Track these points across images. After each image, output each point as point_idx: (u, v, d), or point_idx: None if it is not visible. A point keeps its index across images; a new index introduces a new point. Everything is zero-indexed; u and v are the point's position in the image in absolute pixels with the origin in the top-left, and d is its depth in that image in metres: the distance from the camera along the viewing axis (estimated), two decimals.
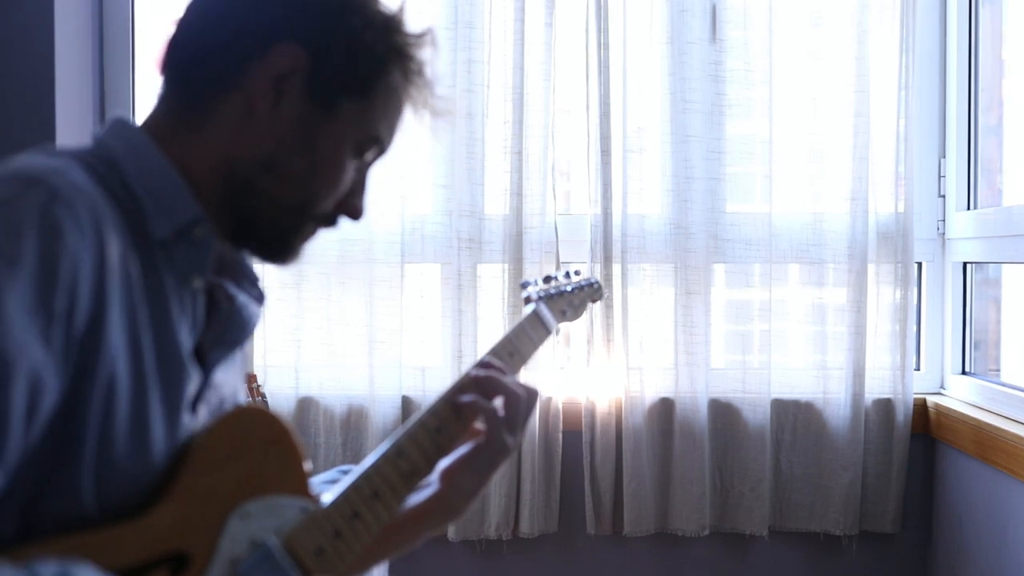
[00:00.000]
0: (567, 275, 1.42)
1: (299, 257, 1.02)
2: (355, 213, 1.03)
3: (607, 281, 2.15)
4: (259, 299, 1.04)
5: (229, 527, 0.92)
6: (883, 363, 2.18)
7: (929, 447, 2.21)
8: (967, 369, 2.24)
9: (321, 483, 1.14)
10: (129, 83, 2.29)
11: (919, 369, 2.28)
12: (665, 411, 2.17)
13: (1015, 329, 2.30)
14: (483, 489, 1.14)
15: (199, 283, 0.95)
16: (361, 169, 1.02)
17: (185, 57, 0.97)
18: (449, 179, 2.18)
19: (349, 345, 2.20)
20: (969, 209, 2.22)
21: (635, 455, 2.15)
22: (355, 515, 1.00)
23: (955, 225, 2.22)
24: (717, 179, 2.17)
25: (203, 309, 0.97)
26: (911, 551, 2.22)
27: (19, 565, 0.77)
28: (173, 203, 0.92)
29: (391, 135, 1.02)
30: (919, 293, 2.27)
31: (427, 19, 1.02)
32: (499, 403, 1.13)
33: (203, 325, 0.96)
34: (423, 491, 1.11)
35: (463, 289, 2.17)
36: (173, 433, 0.90)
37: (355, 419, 2.19)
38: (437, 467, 1.12)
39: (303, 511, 0.97)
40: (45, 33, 2.04)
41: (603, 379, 2.17)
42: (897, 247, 2.17)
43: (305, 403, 2.20)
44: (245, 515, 0.93)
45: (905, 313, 2.17)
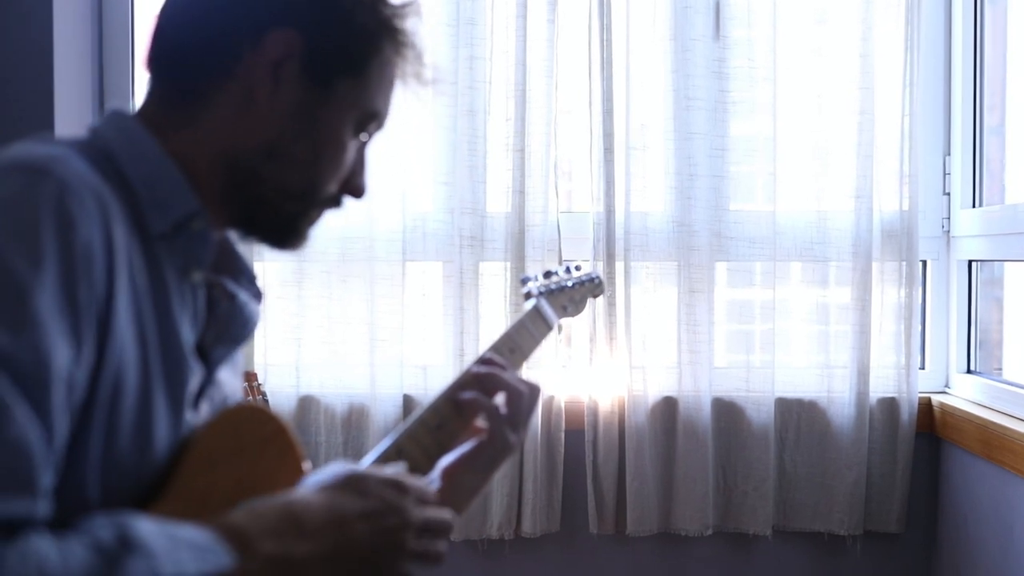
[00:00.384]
0: (568, 270, 1.41)
1: (307, 241, 1.01)
2: (357, 192, 1.02)
3: (610, 279, 2.14)
4: (257, 297, 1.03)
5: None
6: (887, 362, 2.17)
7: (934, 446, 2.20)
8: (972, 368, 2.23)
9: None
10: (129, 78, 2.27)
11: (923, 368, 2.27)
12: (668, 410, 2.16)
13: (1017, 327, 2.28)
14: (485, 487, 1.13)
15: (199, 277, 0.93)
16: (361, 147, 1.02)
17: (174, 50, 0.96)
18: (451, 176, 2.17)
19: (350, 343, 2.18)
20: (974, 207, 2.20)
21: (638, 454, 2.13)
22: None
23: (960, 223, 2.21)
24: (721, 177, 2.16)
25: (203, 305, 0.95)
26: (916, 551, 2.20)
27: (73, 531, 0.76)
28: (171, 196, 0.91)
29: (387, 109, 1.01)
30: (924, 291, 2.26)
31: (428, 15, 1.01)
32: (501, 400, 1.12)
33: (204, 321, 0.95)
34: None
35: (465, 287, 2.16)
36: (176, 429, 0.89)
37: (356, 418, 2.17)
38: (438, 465, 1.11)
39: None
40: (43, 27, 2.02)
41: (606, 378, 2.16)
42: (902, 245, 2.16)
43: (306, 402, 2.18)
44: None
45: (910, 311, 2.16)
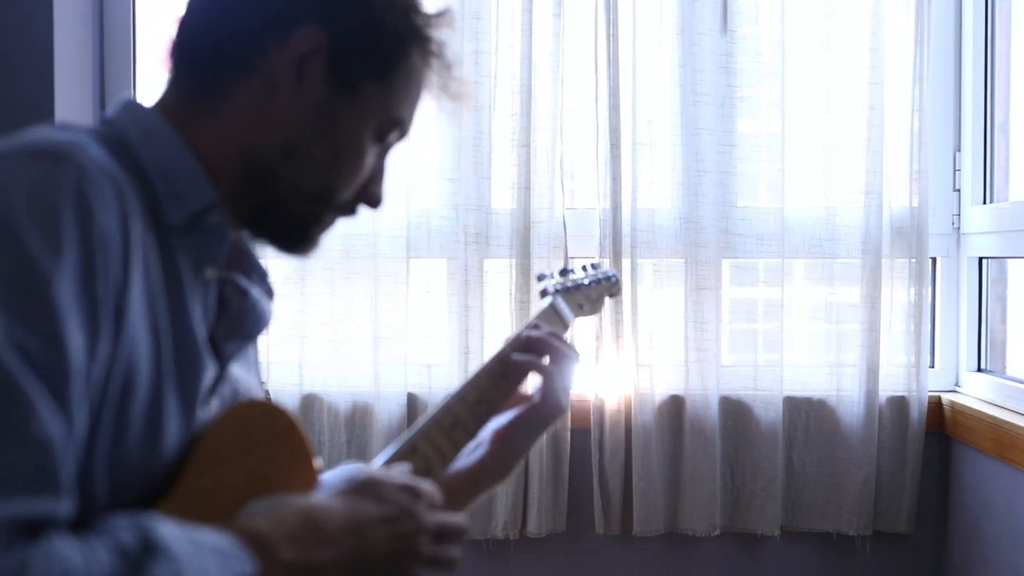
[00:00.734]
0: (584, 268, 1.39)
1: (317, 247, 0.98)
2: (374, 200, 0.99)
3: (608, 268, 2.12)
4: (269, 294, 1.01)
5: None
6: (897, 360, 2.14)
7: (944, 445, 2.17)
8: (983, 366, 2.20)
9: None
10: (130, 77, 2.26)
11: (933, 366, 2.24)
12: (675, 409, 2.14)
13: (1020, 325, 2.25)
14: (528, 452, 1.18)
15: (212, 273, 0.91)
16: (381, 154, 0.99)
17: (199, 40, 0.94)
18: (455, 173, 2.15)
19: (354, 341, 2.16)
20: (985, 203, 2.18)
21: (645, 453, 2.11)
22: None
23: (970, 220, 2.18)
24: (728, 173, 2.14)
25: (215, 301, 0.93)
26: (926, 551, 2.18)
27: (94, 533, 0.74)
28: (188, 187, 0.88)
29: (412, 116, 0.99)
30: (933, 289, 2.23)
31: (433, 8, 0.99)
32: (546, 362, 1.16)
33: (214, 317, 0.93)
34: (469, 456, 1.12)
35: (470, 285, 2.14)
36: (186, 425, 0.86)
37: (360, 417, 2.15)
38: (485, 428, 1.14)
39: None
40: (44, 26, 2.00)
41: (612, 376, 2.13)
42: (911, 242, 2.13)
43: (309, 400, 2.16)
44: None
45: (919, 309, 2.13)
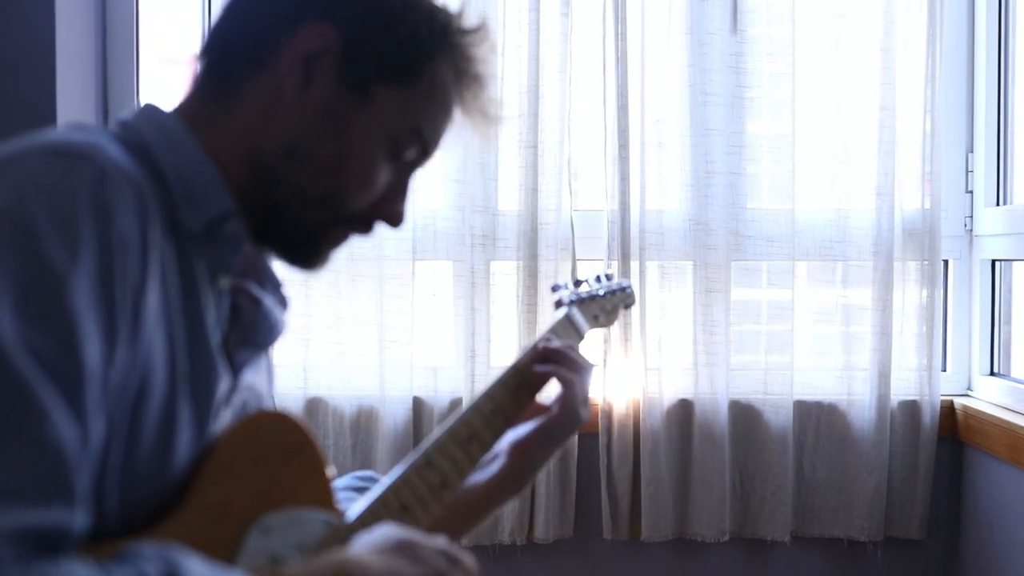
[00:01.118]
0: (598, 279, 1.36)
1: (327, 262, 0.95)
2: (394, 219, 0.96)
3: (622, 277, 2.09)
4: (283, 304, 0.97)
5: (248, 543, 0.84)
6: (909, 364, 2.12)
7: (956, 450, 2.14)
8: (995, 370, 2.17)
9: (340, 491, 1.07)
10: (133, 77, 2.22)
11: (945, 370, 2.21)
12: (684, 413, 2.11)
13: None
14: (545, 465, 1.15)
15: (226, 283, 0.88)
16: (402, 170, 0.95)
17: (222, 37, 0.93)
18: (462, 174, 2.12)
19: (359, 344, 2.14)
20: (998, 205, 2.15)
21: (653, 458, 2.09)
22: (403, 508, 0.97)
23: (983, 221, 2.16)
24: (738, 174, 2.11)
25: (228, 310, 0.90)
26: (938, 558, 2.15)
27: (116, 561, 0.71)
28: (206, 194, 0.86)
29: (435, 134, 0.95)
30: (945, 292, 2.21)
31: (469, 22, 0.96)
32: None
33: (226, 326, 0.90)
34: (484, 469, 1.10)
35: (476, 287, 2.11)
36: (199, 436, 0.84)
37: (365, 421, 2.13)
38: (502, 441, 1.11)
39: (327, 525, 0.89)
40: (46, 26, 1.98)
41: (620, 380, 2.11)
42: (923, 244, 2.11)
43: (313, 404, 2.14)
44: (265, 530, 0.85)
45: (931, 312, 2.11)
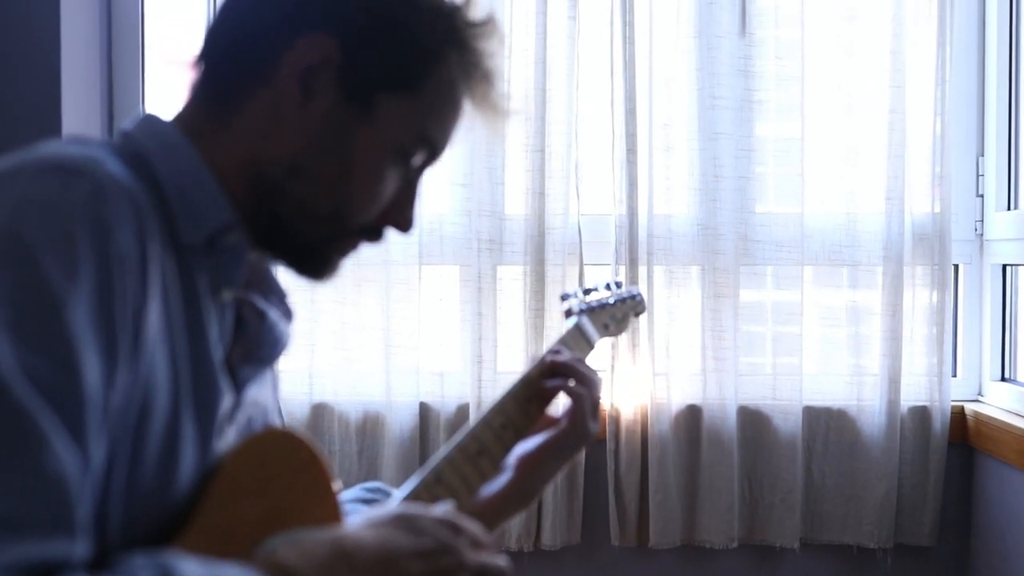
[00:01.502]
0: (608, 286, 1.35)
1: (336, 271, 0.93)
2: (403, 225, 0.93)
3: (632, 284, 2.08)
4: (288, 316, 0.95)
5: None
6: (919, 369, 2.10)
7: (967, 457, 2.13)
8: (1006, 375, 2.15)
9: (345, 503, 1.05)
10: (139, 79, 2.22)
11: (956, 375, 2.20)
12: (692, 418, 2.10)
13: None
14: (554, 479, 1.14)
15: (229, 296, 0.86)
16: (410, 176, 0.92)
17: (219, 46, 0.89)
18: (468, 178, 2.11)
19: (365, 349, 2.13)
20: (1009, 209, 2.13)
21: (661, 464, 2.07)
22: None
23: (994, 226, 2.14)
24: (747, 178, 2.10)
25: (231, 324, 0.87)
26: (948, 565, 2.13)
27: (112, 572, 0.70)
28: (206, 207, 0.84)
29: (444, 136, 0.92)
30: (956, 296, 2.19)
31: (476, 15, 0.93)
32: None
33: (230, 340, 0.87)
34: (492, 483, 1.08)
35: (483, 292, 2.10)
36: (203, 456, 0.81)
37: (371, 426, 2.11)
38: (512, 454, 1.10)
39: None
40: (51, 27, 1.97)
41: (628, 385, 2.09)
42: (934, 249, 2.09)
43: (319, 409, 2.13)
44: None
45: (942, 317, 2.09)
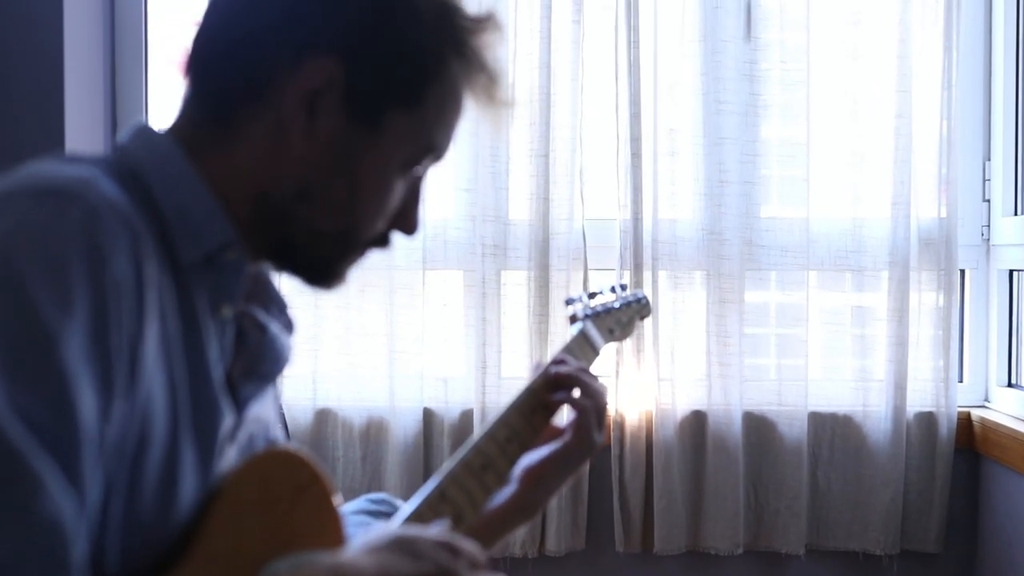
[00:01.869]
0: (612, 290, 1.33)
1: (344, 280, 0.91)
2: (410, 229, 0.92)
3: (637, 287, 2.07)
4: (289, 328, 0.93)
5: None
6: (925, 375, 2.09)
7: (973, 463, 2.12)
8: (1013, 381, 2.14)
9: (350, 514, 1.04)
10: (142, 84, 2.21)
11: (962, 381, 2.18)
12: (697, 424, 2.09)
13: None
14: (559, 491, 1.13)
15: (229, 312, 0.84)
16: (414, 181, 0.91)
17: (210, 62, 0.85)
18: (472, 183, 2.10)
19: (368, 355, 2.12)
20: (1016, 214, 2.12)
21: (666, 470, 2.06)
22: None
23: (1000, 231, 2.13)
24: (752, 183, 2.09)
25: (231, 340, 0.85)
26: (955, 572, 2.12)
27: None
28: (204, 225, 0.81)
29: (448, 139, 0.91)
30: (962, 302, 2.18)
31: (475, 12, 0.91)
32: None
33: (231, 356, 0.85)
34: (497, 495, 1.06)
35: (487, 297, 2.09)
36: (203, 481, 0.80)
37: (375, 432, 2.11)
38: (516, 467, 1.09)
39: None
40: (54, 31, 1.96)
41: (632, 391, 2.08)
42: (940, 254, 2.08)
43: (323, 415, 2.12)
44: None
45: (948, 323, 2.08)
